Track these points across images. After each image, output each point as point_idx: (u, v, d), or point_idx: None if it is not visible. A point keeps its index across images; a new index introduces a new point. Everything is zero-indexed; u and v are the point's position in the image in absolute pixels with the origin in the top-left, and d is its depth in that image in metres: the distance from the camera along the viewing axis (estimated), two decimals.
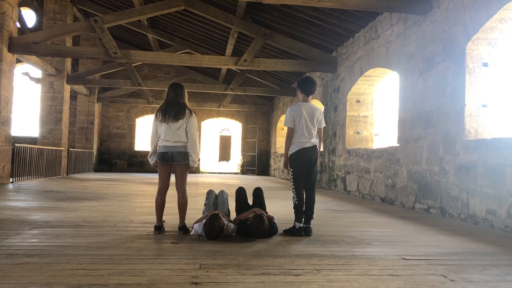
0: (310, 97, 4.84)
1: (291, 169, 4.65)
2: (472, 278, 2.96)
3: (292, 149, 4.64)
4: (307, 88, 4.79)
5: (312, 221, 4.60)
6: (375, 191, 8.66)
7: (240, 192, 5.06)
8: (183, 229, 4.42)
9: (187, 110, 4.51)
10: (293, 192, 4.60)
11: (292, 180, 4.64)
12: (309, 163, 4.63)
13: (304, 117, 4.62)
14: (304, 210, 4.56)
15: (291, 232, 4.47)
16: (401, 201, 7.56)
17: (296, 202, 4.54)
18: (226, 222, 4.19)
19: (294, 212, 4.56)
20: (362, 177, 9.33)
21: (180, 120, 4.45)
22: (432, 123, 6.70)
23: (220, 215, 4.20)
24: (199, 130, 22.51)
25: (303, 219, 4.52)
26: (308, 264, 3.22)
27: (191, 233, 4.29)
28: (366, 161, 9.19)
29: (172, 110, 4.46)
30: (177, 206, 4.55)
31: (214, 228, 4.01)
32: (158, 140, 4.54)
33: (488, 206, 5.28)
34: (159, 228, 4.43)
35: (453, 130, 6.15)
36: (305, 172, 4.64)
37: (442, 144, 6.39)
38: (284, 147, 4.79)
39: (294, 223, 4.52)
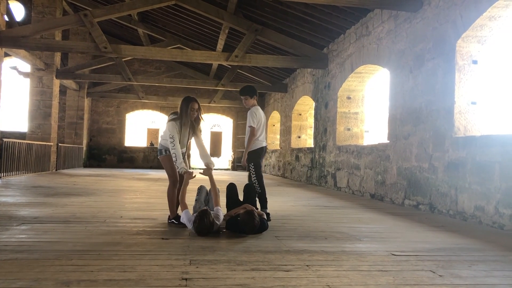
0: None
1: (252, 164, 5.28)
2: (460, 274, 2.99)
3: (253, 147, 5.30)
4: (256, 94, 5.43)
5: (302, 217, 4.86)
6: (365, 188, 8.71)
7: (231, 188, 5.07)
8: (169, 219, 4.67)
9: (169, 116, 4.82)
10: (255, 183, 5.17)
11: (254, 173, 5.26)
12: (262, 160, 5.40)
13: (263, 120, 5.34)
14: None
15: (267, 219, 4.85)
16: (390, 197, 7.61)
17: (259, 190, 5.20)
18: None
19: (260, 200, 5.12)
20: (352, 174, 9.38)
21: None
22: (422, 120, 6.75)
23: (209, 210, 4.20)
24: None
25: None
26: (298, 260, 3.24)
27: (181, 219, 4.38)
28: (356, 157, 9.23)
29: None
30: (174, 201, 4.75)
31: (204, 225, 4.01)
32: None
33: (477, 203, 5.34)
34: (169, 219, 4.66)
35: (443, 127, 6.20)
36: None
37: (432, 141, 6.44)
38: (246, 144, 5.35)
39: (264, 210, 5.03)
